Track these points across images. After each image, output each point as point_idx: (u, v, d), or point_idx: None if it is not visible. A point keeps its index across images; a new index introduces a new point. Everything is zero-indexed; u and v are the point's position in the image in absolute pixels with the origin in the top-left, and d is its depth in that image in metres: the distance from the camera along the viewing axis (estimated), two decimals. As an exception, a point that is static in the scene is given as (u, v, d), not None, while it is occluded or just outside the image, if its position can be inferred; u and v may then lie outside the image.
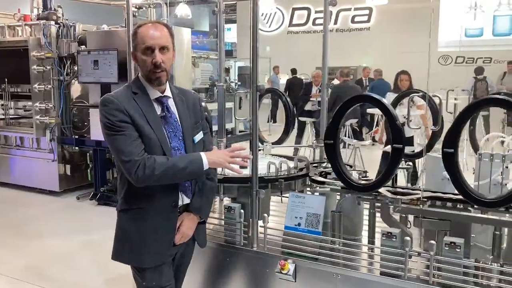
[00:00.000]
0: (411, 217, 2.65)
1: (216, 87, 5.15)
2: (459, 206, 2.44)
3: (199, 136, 2.25)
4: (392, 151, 2.32)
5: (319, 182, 2.91)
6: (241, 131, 4.94)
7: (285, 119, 3.87)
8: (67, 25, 6.68)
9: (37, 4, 6.97)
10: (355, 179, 2.57)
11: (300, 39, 15.47)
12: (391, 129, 2.29)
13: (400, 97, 3.42)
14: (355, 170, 3.03)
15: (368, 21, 14.85)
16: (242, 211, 2.88)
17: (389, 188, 2.59)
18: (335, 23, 15.24)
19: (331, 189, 2.84)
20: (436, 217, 2.36)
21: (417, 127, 2.77)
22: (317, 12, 15.28)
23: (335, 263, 2.58)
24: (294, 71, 13.25)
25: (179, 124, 2.18)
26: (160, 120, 2.13)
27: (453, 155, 2.17)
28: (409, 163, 2.93)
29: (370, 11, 14.72)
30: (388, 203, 2.45)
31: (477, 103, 2.18)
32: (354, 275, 2.50)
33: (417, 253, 2.40)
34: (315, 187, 3.02)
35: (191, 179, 2.20)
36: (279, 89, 3.87)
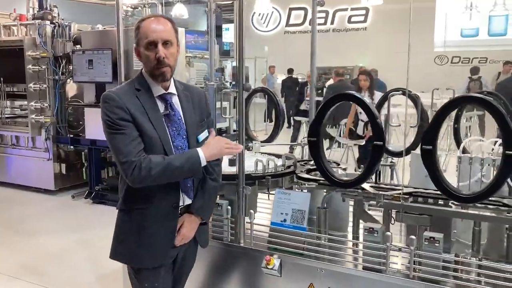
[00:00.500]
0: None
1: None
2: (441, 202, 2.50)
3: (204, 135, 2.18)
4: (373, 148, 2.37)
5: (305, 179, 2.95)
6: (235, 130, 4.98)
7: (274, 118, 3.91)
8: (63, 25, 6.74)
9: (32, 4, 7.01)
10: (338, 175, 2.62)
11: (297, 39, 15.52)
12: (371, 127, 2.35)
13: (385, 97, 3.47)
14: (341, 167, 3.07)
15: (364, 21, 14.91)
16: (229, 207, 2.93)
17: (372, 184, 2.64)
18: (332, 23, 15.32)
19: (316, 186, 2.89)
20: (416, 212, 2.41)
21: (396, 124, 2.82)
22: (314, 12, 15.32)
23: (319, 258, 2.63)
24: (290, 71, 13.31)
25: (183, 122, 2.11)
26: (163, 118, 2.06)
27: (431, 152, 2.22)
28: (392, 160, 2.99)
29: (366, 11, 14.77)
30: (362, 199, 2.50)
31: (453, 101, 2.23)
32: (338, 269, 2.55)
33: (398, 248, 2.45)
34: (302, 184, 3.06)
35: (190, 177, 2.11)
36: (269, 89, 3.91)
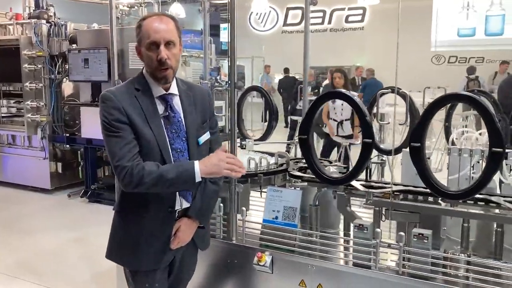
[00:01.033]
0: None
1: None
2: (430, 199, 2.52)
3: (205, 137, 2.11)
4: (362, 145, 2.40)
5: (297, 177, 2.98)
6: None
7: (268, 117, 3.94)
8: (59, 24, 6.75)
9: (28, 3, 7.02)
10: (328, 173, 2.64)
11: (295, 38, 15.54)
12: (361, 125, 2.37)
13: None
14: (333, 165, 3.10)
15: (361, 20, 14.94)
16: (222, 205, 2.95)
17: (362, 182, 2.66)
18: (329, 22, 15.35)
19: (308, 183, 2.92)
20: (405, 210, 2.43)
21: (386, 122, 2.84)
22: (311, 12, 15.29)
23: (310, 255, 2.65)
24: (286, 71, 13.32)
25: (183, 124, 2.04)
26: (162, 120, 1.99)
27: (419, 149, 2.24)
28: (382, 158, 3.02)
29: (363, 11, 14.80)
30: (344, 195, 2.53)
31: (441, 99, 2.26)
32: (328, 266, 2.57)
33: (387, 244, 2.47)
34: (294, 181, 3.09)
35: (184, 189, 2.04)
36: (262, 87, 3.93)
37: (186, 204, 2.09)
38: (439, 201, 2.49)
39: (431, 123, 2.33)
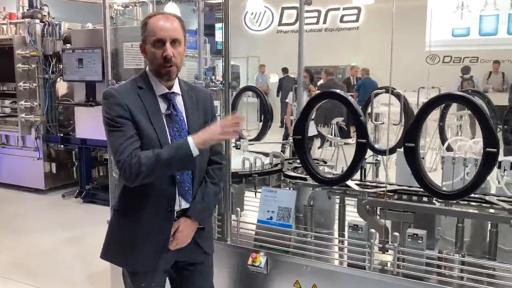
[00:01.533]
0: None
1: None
2: (425, 199, 2.52)
3: None
4: (357, 145, 2.39)
5: (292, 177, 2.97)
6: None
7: (263, 117, 3.93)
8: (52, 24, 6.71)
9: (22, 3, 6.98)
10: (322, 173, 2.63)
11: (290, 38, 15.53)
12: (355, 125, 2.37)
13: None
14: (327, 165, 3.09)
15: (356, 20, 14.95)
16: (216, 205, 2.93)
17: (357, 182, 2.66)
18: (324, 22, 15.35)
19: (303, 183, 2.91)
20: (399, 209, 2.43)
21: (380, 122, 2.84)
22: (306, 12, 15.27)
23: (305, 255, 2.64)
24: (285, 70, 13.29)
25: (185, 123, 2.04)
26: (164, 118, 2.00)
27: (413, 149, 2.24)
28: (377, 158, 3.02)
29: (358, 11, 14.81)
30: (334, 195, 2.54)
31: (435, 99, 2.26)
32: (323, 266, 2.57)
33: (381, 244, 2.47)
34: (289, 182, 3.08)
35: (184, 169, 2.01)
36: (257, 88, 3.93)
37: (186, 205, 2.07)
38: (433, 201, 2.49)
39: (425, 122, 2.33)
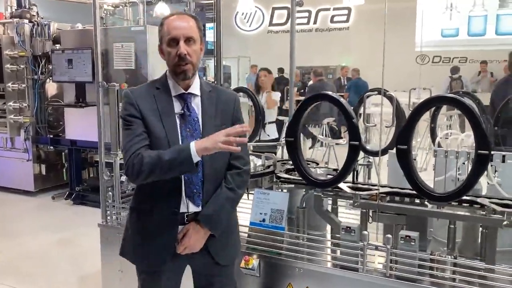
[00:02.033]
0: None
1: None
2: (417, 201, 2.53)
3: None
4: (349, 148, 2.40)
5: (285, 179, 2.96)
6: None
7: (254, 118, 3.92)
8: (41, 24, 6.64)
9: (10, 2, 6.91)
10: (315, 175, 2.63)
11: (281, 38, 15.54)
12: (347, 127, 2.37)
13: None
14: (320, 167, 3.09)
15: (347, 21, 15.00)
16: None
17: (349, 184, 2.66)
18: (315, 22, 15.39)
19: (295, 185, 2.90)
20: (392, 212, 2.44)
21: (372, 124, 2.85)
22: (297, 12, 15.30)
23: (298, 258, 2.64)
24: (281, 70, 13.28)
25: (199, 124, 2.03)
26: (176, 118, 2.01)
27: (406, 151, 2.25)
28: (369, 159, 3.02)
29: (348, 11, 14.86)
30: (321, 195, 2.53)
31: (427, 101, 2.26)
32: (315, 269, 2.57)
33: (375, 246, 2.48)
34: (281, 183, 3.07)
35: (185, 172, 1.98)
36: (248, 88, 3.92)
37: (194, 208, 2.04)
38: (425, 203, 2.50)
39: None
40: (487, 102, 4.36)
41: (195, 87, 2.07)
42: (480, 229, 2.49)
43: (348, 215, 3.14)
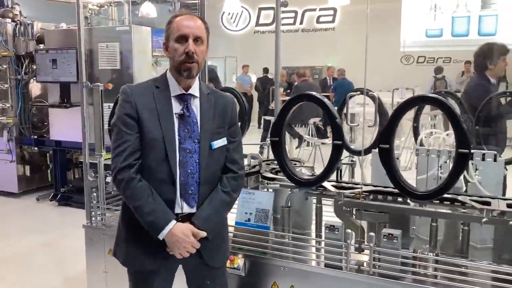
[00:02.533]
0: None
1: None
2: (400, 199, 2.56)
3: (220, 142, 2.07)
4: (333, 147, 2.42)
5: (270, 179, 2.98)
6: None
7: (240, 118, 3.92)
8: (25, 23, 6.57)
9: (-8, 2, 6.83)
10: (299, 174, 2.65)
11: (267, 38, 15.57)
12: (331, 127, 2.39)
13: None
14: (304, 166, 3.12)
15: (333, 21, 15.10)
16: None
17: (334, 183, 2.69)
18: (301, 23, 15.47)
19: (280, 185, 2.92)
20: (375, 210, 2.47)
21: (355, 124, 2.89)
22: (283, 12, 15.34)
23: (282, 257, 2.66)
24: (266, 70, 13.32)
25: (198, 125, 2.03)
26: (175, 118, 2.00)
27: (388, 150, 2.28)
28: (352, 159, 3.06)
29: (334, 12, 14.96)
30: (306, 194, 2.58)
31: (408, 101, 2.30)
32: (300, 267, 2.59)
33: (358, 245, 2.50)
34: (267, 183, 3.09)
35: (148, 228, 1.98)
36: (235, 89, 3.92)
37: (188, 209, 2.03)
38: (408, 201, 2.53)
39: (400, 123, 2.37)
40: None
41: (195, 89, 2.07)
42: (461, 226, 2.53)
43: (333, 214, 3.18)
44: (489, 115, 3.30)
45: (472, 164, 2.65)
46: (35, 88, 6.81)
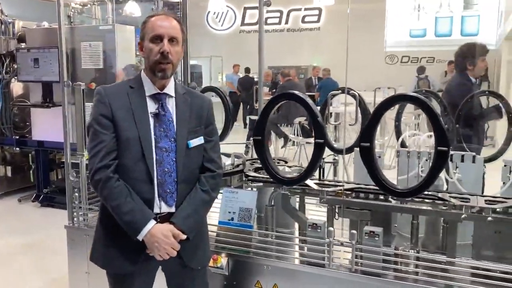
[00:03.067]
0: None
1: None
2: (381, 197, 2.59)
3: (196, 141, 2.07)
4: (315, 145, 2.43)
5: (253, 178, 2.99)
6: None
7: (224, 117, 3.91)
8: (5, 22, 6.48)
9: (-28, 0, 6.71)
10: (282, 173, 2.66)
11: (253, 38, 15.55)
12: (313, 126, 2.41)
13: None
14: (289, 165, 3.13)
15: (317, 21, 15.17)
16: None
17: (316, 181, 2.71)
18: (286, 23, 15.51)
19: (264, 184, 2.93)
20: (356, 208, 2.49)
21: (337, 123, 2.91)
22: (268, 12, 15.44)
23: (265, 256, 2.66)
24: (247, 70, 13.32)
25: (174, 124, 2.02)
26: (150, 118, 2.00)
27: (369, 148, 2.30)
28: (335, 157, 3.07)
29: (319, 12, 15.03)
30: (288, 194, 2.56)
31: (389, 100, 2.32)
32: (283, 266, 2.60)
33: (340, 242, 2.52)
34: (250, 182, 3.09)
35: (126, 229, 1.97)
36: (219, 88, 3.91)
37: (167, 208, 2.02)
38: (389, 198, 2.56)
39: (385, 121, 2.40)
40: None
41: (170, 88, 2.07)
42: (442, 223, 2.57)
43: (317, 212, 3.20)
44: (469, 113, 3.35)
45: (452, 162, 2.69)
46: (16, 88, 6.70)
